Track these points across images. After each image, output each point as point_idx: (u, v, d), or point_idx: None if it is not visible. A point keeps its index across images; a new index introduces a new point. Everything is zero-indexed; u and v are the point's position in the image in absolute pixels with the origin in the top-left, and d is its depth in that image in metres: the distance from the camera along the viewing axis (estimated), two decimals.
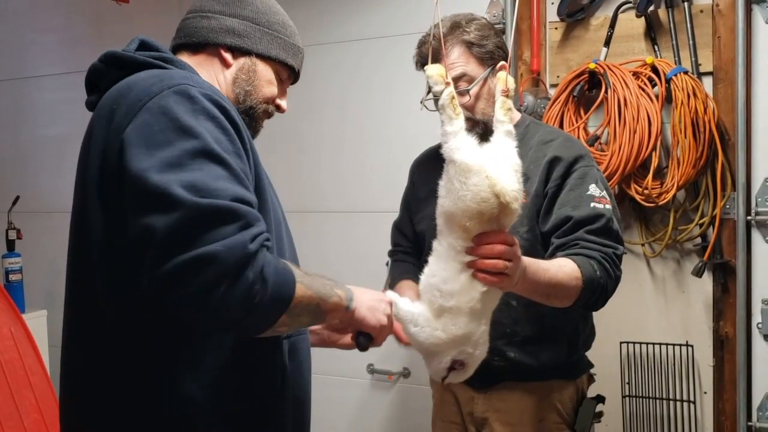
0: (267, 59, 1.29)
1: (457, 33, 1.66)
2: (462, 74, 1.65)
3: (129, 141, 1.03)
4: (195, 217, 0.96)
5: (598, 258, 1.55)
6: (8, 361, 2.35)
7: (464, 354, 1.33)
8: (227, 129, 1.08)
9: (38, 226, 3.18)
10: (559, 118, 2.31)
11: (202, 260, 0.95)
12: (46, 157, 3.30)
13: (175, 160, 1.00)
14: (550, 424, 1.74)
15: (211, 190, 0.99)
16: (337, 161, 2.74)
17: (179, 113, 1.04)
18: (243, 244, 0.98)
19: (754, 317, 2.20)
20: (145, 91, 1.08)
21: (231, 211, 0.99)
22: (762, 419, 2.19)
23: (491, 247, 1.27)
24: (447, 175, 1.28)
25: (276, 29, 1.30)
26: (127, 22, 3.08)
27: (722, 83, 2.21)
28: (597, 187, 1.64)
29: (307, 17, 2.72)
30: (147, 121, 1.04)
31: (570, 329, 1.74)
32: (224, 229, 0.97)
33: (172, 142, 1.01)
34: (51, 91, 3.31)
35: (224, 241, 0.96)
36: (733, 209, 2.20)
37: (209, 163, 1.02)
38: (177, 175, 0.98)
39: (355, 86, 2.70)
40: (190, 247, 0.95)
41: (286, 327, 1.09)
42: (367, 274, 2.33)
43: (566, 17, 2.39)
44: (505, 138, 1.33)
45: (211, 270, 0.95)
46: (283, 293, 1.04)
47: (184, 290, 0.95)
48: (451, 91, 1.30)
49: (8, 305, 2.48)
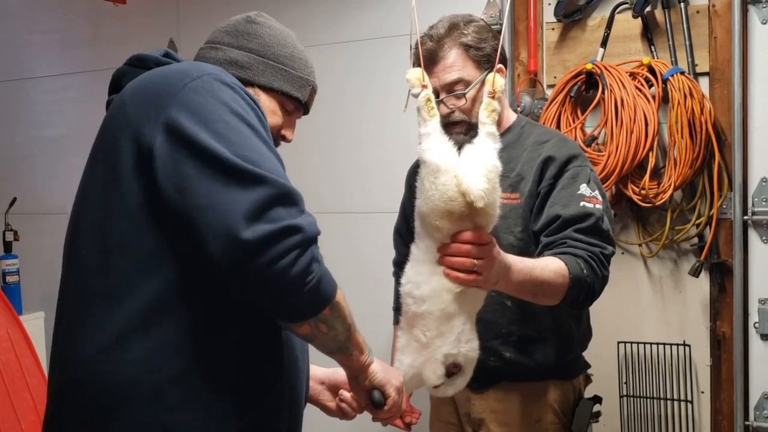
0: (270, 91, 1.32)
1: (454, 35, 1.64)
2: (459, 79, 1.63)
3: (182, 120, 1.07)
4: (276, 194, 1.04)
5: (584, 257, 1.54)
6: (5, 363, 2.34)
7: (451, 356, 1.33)
8: (263, 120, 1.16)
9: (35, 227, 3.18)
10: (556, 119, 2.32)
11: (291, 229, 1.03)
12: (43, 159, 3.29)
13: (239, 140, 1.07)
14: (547, 425, 1.74)
15: (279, 173, 1.08)
16: (333, 161, 2.74)
17: (228, 99, 1.11)
18: (314, 221, 1.08)
19: (751, 317, 2.20)
20: (186, 74, 1.13)
21: (297, 193, 1.08)
22: (759, 418, 2.19)
23: (458, 246, 1.28)
24: (419, 176, 1.30)
25: (282, 62, 1.33)
26: (124, 23, 3.08)
27: (719, 83, 2.22)
28: (588, 186, 1.63)
29: (302, 18, 2.72)
30: (200, 102, 1.09)
31: (565, 329, 1.74)
32: (294, 208, 1.06)
33: (229, 124, 1.08)
34: (48, 92, 3.31)
35: (304, 216, 1.07)
36: (729, 209, 2.21)
37: (265, 148, 1.10)
38: (250, 154, 1.06)
39: (351, 87, 2.70)
40: (276, 220, 1.03)
41: (326, 327, 1.12)
42: (365, 274, 2.33)
43: (563, 18, 2.39)
44: (486, 139, 1.34)
45: (294, 239, 1.03)
46: (331, 284, 1.11)
47: (268, 254, 1.01)
48: (428, 93, 1.32)
49: (5, 307, 2.48)
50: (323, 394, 1.46)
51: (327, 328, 1.13)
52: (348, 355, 1.21)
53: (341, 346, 1.18)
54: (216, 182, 1.04)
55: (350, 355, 1.21)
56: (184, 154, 1.06)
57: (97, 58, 3.12)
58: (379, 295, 2.06)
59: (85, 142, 1.23)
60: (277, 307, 1.10)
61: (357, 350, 1.21)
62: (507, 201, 1.64)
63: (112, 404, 1.10)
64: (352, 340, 1.19)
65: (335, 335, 1.15)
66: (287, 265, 1.02)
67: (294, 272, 1.03)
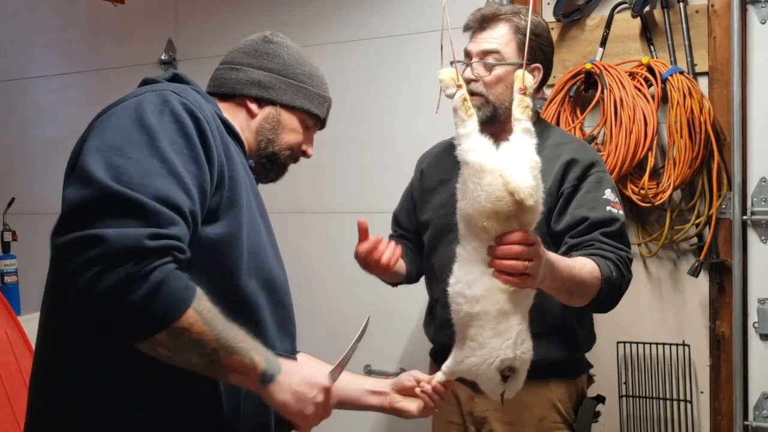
0: (291, 109, 1.35)
1: (513, 15, 1.70)
2: (496, 50, 1.68)
3: (95, 126, 1.10)
4: (101, 199, 0.98)
5: (614, 259, 1.57)
6: (4, 363, 2.34)
7: (507, 361, 1.30)
8: (190, 135, 1.09)
9: (34, 227, 3.15)
10: (556, 119, 2.32)
11: (90, 239, 0.95)
12: (41, 159, 3.29)
13: (117, 146, 1.03)
14: (550, 424, 1.75)
15: (134, 182, 1.00)
16: (339, 161, 2.72)
17: (146, 110, 1.08)
18: (137, 237, 0.97)
19: (750, 317, 2.20)
20: (134, 94, 1.14)
21: (141, 206, 0.99)
22: (758, 418, 2.19)
23: (509, 248, 1.25)
24: (462, 178, 1.27)
25: (302, 80, 1.36)
26: (122, 23, 3.07)
27: (718, 83, 2.22)
28: (612, 193, 1.68)
29: (311, 17, 2.71)
30: (116, 112, 1.11)
31: (570, 328, 1.76)
32: (126, 220, 0.98)
33: (125, 130, 1.06)
34: (47, 93, 3.30)
35: (119, 229, 0.96)
36: (729, 209, 2.21)
37: (150, 159, 1.03)
38: (109, 159, 1.01)
39: (356, 87, 2.68)
40: (86, 226, 0.96)
41: (167, 351, 1.03)
42: (367, 274, 2.32)
43: (562, 18, 2.39)
44: (523, 135, 1.31)
45: (95, 251, 0.95)
46: (167, 308, 0.99)
47: (69, 265, 0.96)
48: (463, 93, 1.29)
49: (4, 307, 2.48)
50: (394, 399, 1.45)
51: (169, 353, 1.03)
52: (223, 378, 1.11)
53: (205, 369, 1.07)
54: (66, 182, 1.07)
55: (226, 378, 1.11)
56: None
57: (96, 58, 3.12)
58: (382, 295, 2.05)
59: None
60: (100, 322, 1.02)
61: (236, 374, 1.09)
62: None
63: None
64: (223, 364, 1.06)
65: (186, 360, 1.05)
66: (89, 280, 0.94)
67: (99, 290, 0.95)
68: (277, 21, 2.67)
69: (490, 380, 1.32)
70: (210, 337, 1.04)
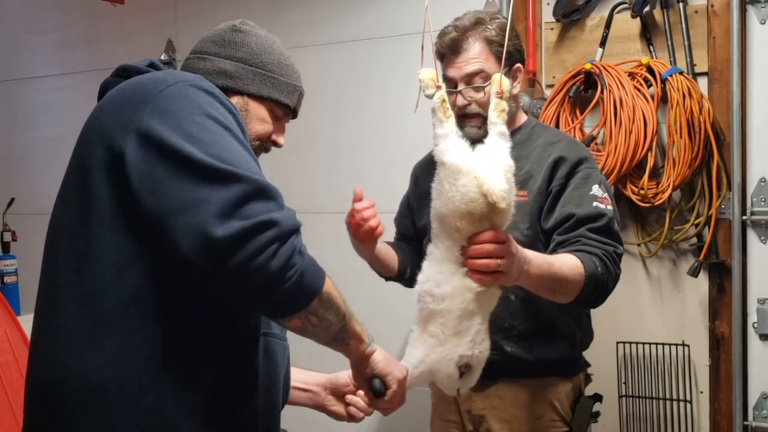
0: (259, 98, 1.33)
1: (479, 29, 1.68)
2: (480, 70, 1.67)
3: (154, 125, 1.07)
4: (250, 190, 1.04)
5: (599, 255, 1.57)
6: (4, 363, 2.34)
7: (465, 357, 1.33)
8: (241, 122, 1.16)
9: (33, 228, 3.14)
10: (555, 119, 2.32)
11: (266, 224, 1.03)
12: (41, 159, 3.29)
13: (210, 140, 1.07)
14: (547, 422, 1.75)
15: (254, 170, 1.08)
16: (331, 162, 2.73)
17: (203, 103, 1.11)
18: (293, 216, 1.08)
19: (750, 317, 2.20)
20: (161, 82, 1.13)
21: (274, 189, 1.08)
22: (758, 418, 2.19)
23: (481, 247, 1.29)
24: (438, 178, 1.30)
25: (270, 69, 1.34)
26: (122, 23, 3.07)
27: (717, 83, 2.22)
28: (600, 188, 1.67)
29: (300, 18, 2.71)
30: (172, 107, 1.09)
31: (567, 327, 1.76)
32: (275, 201, 1.07)
33: (206, 126, 1.08)
34: (46, 93, 3.31)
35: (281, 210, 1.06)
36: (728, 209, 2.21)
37: (241, 148, 1.10)
38: (223, 154, 1.06)
39: (350, 87, 2.69)
40: (250, 216, 1.02)
41: (317, 319, 1.11)
42: (362, 275, 2.33)
43: (562, 18, 2.39)
44: (498, 139, 1.34)
45: (271, 233, 1.03)
46: (318, 275, 1.10)
47: (245, 249, 1.01)
48: (442, 94, 1.31)
49: (3, 308, 2.47)
50: (327, 399, 1.46)
51: (318, 320, 1.12)
52: (345, 344, 1.20)
53: (336, 336, 1.17)
54: (188, 183, 1.04)
55: (347, 344, 1.20)
56: (156, 158, 1.06)
57: (95, 58, 3.12)
58: (378, 295, 2.05)
59: None
60: (263, 303, 1.09)
61: (355, 339, 1.20)
62: (515, 198, 1.67)
63: (82, 407, 1.09)
64: (348, 330, 1.18)
65: (328, 326, 1.14)
66: (265, 260, 1.02)
67: (274, 267, 1.02)
68: (277, 21, 2.67)
69: (449, 376, 1.35)
70: (340, 302, 1.14)
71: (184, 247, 1.02)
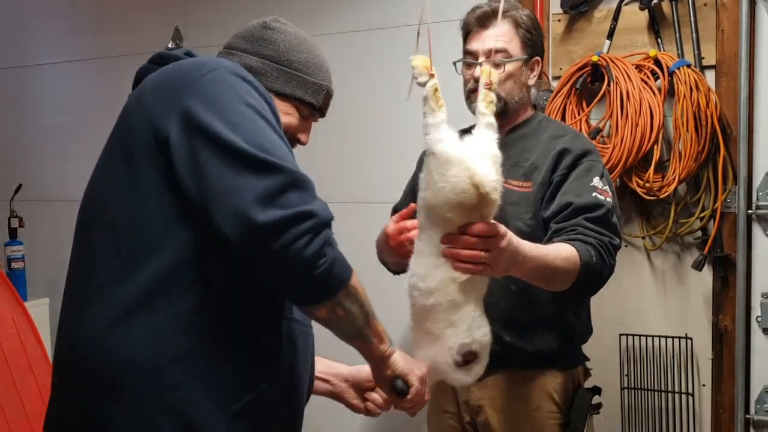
0: (283, 96, 1.35)
1: (511, 12, 1.76)
2: (503, 49, 1.73)
3: (198, 109, 1.11)
4: (289, 180, 1.09)
5: (594, 244, 1.57)
6: (10, 348, 2.36)
7: (465, 345, 1.33)
8: (276, 111, 1.21)
9: (41, 214, 3.19)
10: (561, 111, 2.31)
11: (305, 214, 1.08)
12: (48, 146, 3.30)
13: (251, 129, 1.11)
14: (545, 413, 1.76)
15: (291, 161, 1.13)
16: (342, 151, 2.73)
17: (242, 91, 1.15)
18: (327, 208, 1.12)
19: (754, 311, 2.20)
20: (203, 66, 1.18)
21: (309, 180, 1.13)
22: (760, 412, 2.20)
23: (467, 239, 1.29)
24: (427, 167, 1.28)
25: (296, 68, 1.35)
26: (129, 10, 3.08)
27: (725, 77, 2.21)
28: (601, 180, 1.68)
29: (309, 7, 2.71)
30: (215, 92, 1.14)
31: (565, 319, 1.77)
32: (311, 192, 1.12)
33: (246, 115, 1.13)
34: (53, 80, 3.31)
35: (316, 202, 1.11)
36: (734, 203, 2.21)
37: (278, 138, 1.14)
38: (263, 143, 1.10)
39: (360, 77, 2.68)
40: (289, 206, 1.07)
41: (342, 311, 1.15)
42: (371, 265, 2.33)
43: (569, 9, 2.38)
44: (486, 130, 1.34)
45: (308, 223, 1.08)
46: (345, 267, 1.14)
47: (283, 237, 1.06)
48: (435, 83, 1.29)
49: (10, 293, 2.49)
50: (347, 392, 1.49)
51: (344, 312, 1.16)
52: (367, 342, 1.23)
53: (359, 331, 1.21)
54: (230, 169, 1.08)
55: (369, 342, 1.23)
56: (201, 143, 1.10)
57: (102, 46, 3.12)
58: (381, 287, 2.05)
59: (90, 129, 1.24)
60: (294, 289, 1.14)
61: (376, 338, 1.23)
62: (519, 189, 1.72)
63: (112, 381, 1.11)
64: (371, 327, 1.22)
65: (352, 319, 1.18)
66: (301, 247, 1.07)
67: (307, 255, 1.07)
68: (283, 9, 2.67)
69: (451, 368, 1.34)
70: (365, 298, 1.19)
71: (225, 229, 1.07)
